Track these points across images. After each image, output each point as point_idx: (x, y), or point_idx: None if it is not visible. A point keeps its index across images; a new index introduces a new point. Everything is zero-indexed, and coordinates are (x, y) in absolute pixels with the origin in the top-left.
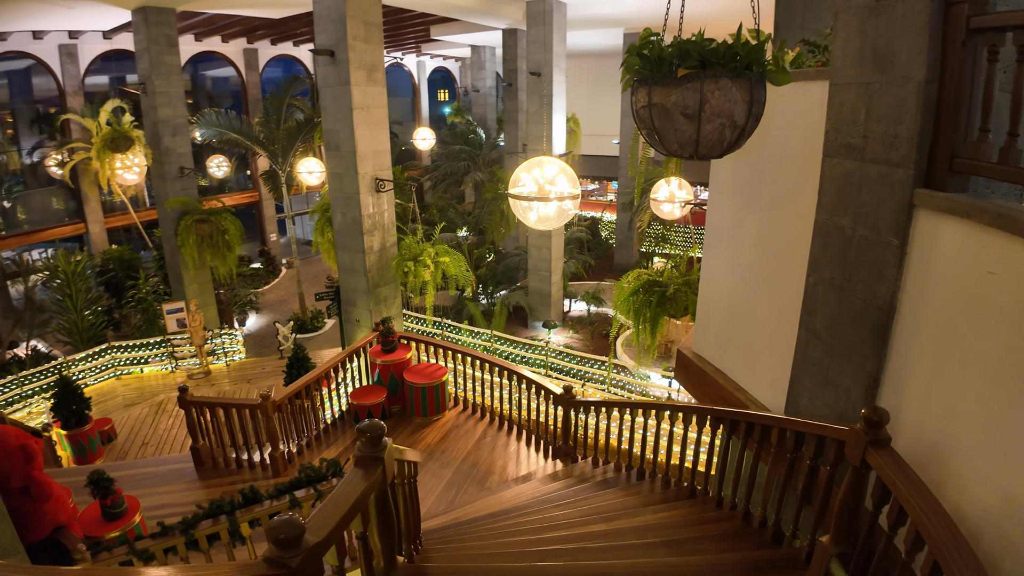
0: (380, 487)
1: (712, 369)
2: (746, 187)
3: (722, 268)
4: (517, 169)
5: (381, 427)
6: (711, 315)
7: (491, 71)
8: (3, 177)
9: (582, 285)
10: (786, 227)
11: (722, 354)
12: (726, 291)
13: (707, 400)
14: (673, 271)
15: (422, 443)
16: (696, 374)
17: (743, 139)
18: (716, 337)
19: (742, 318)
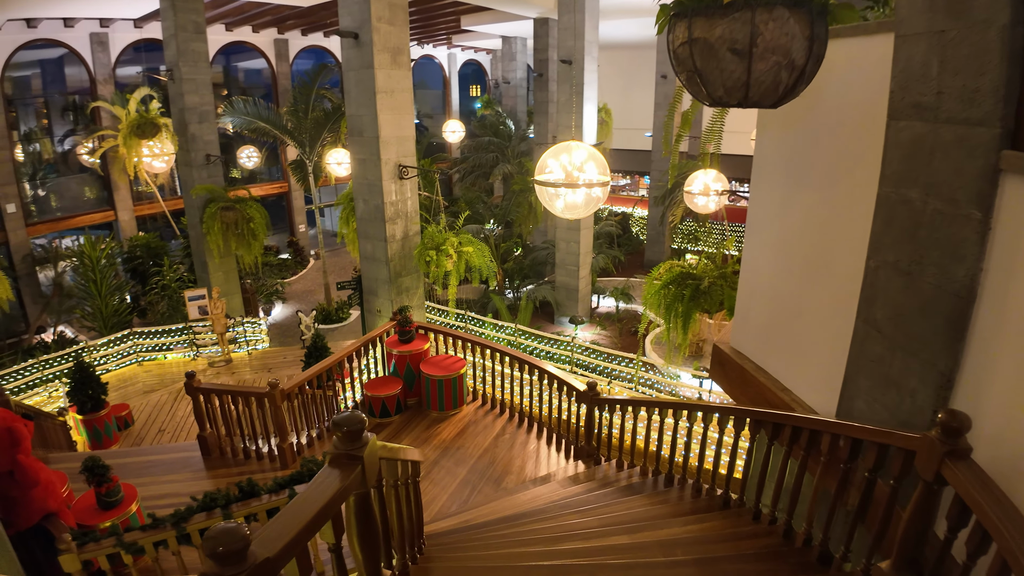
0: (360, 490)
1: (752, 367)
2: (795, 161)
3: (766, 254)
4: (544, 154)
5: (359, 420)
6: (752, 307)
7: (522, 62)
8: (36, 165)
9: (611, 281)
10: (841, 205)
11: (764, 350)
12: (770, 280)
13: (746, 401)
14: (708, 263)
15: (437, 438)
16: (734, 372)
17: (802, 84)
18: (757, 331)
19: (788, 310)
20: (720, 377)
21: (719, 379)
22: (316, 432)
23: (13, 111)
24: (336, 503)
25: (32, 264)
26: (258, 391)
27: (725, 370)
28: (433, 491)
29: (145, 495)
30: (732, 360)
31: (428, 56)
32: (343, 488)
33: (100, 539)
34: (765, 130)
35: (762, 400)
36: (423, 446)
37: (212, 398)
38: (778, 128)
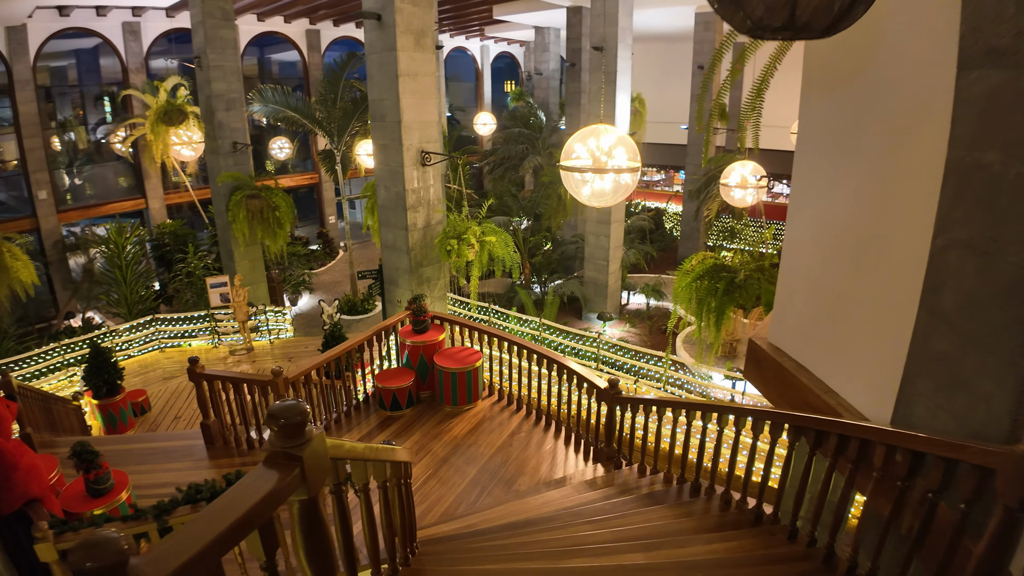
0: (302, 497)
1: (793, 365)
2: (845, 129)
3: (810, 237)
4: (570, 138)
5: (299, 412)
6: (794, 298)
7: (555, 54)
8: (69, 153)
9: (642, 277)
10: (900, 176)
11: (806, 346)
12: (815, 266)
13: (784, 404)
14: (744, 256)
15: (448, 434)
16: (772, 371)
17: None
18: (799, 325)
19: (836, 300)
20: (756, 376)
21: (754, 379)
22: (323, 423)
23: (47, 101)
24: (261, 512)
25: (63, 250)
26: (261, 379)
27: (761, 369)
28: (440, 490)
29: (143, 483)
30: (770, 358)
31: (461, 48)
32: (271, 494)
33: (79, 528)
34: (810, 96)
35: (803, 403)
36: (433, 442)
37: (216, 385)
38: (825, 91)
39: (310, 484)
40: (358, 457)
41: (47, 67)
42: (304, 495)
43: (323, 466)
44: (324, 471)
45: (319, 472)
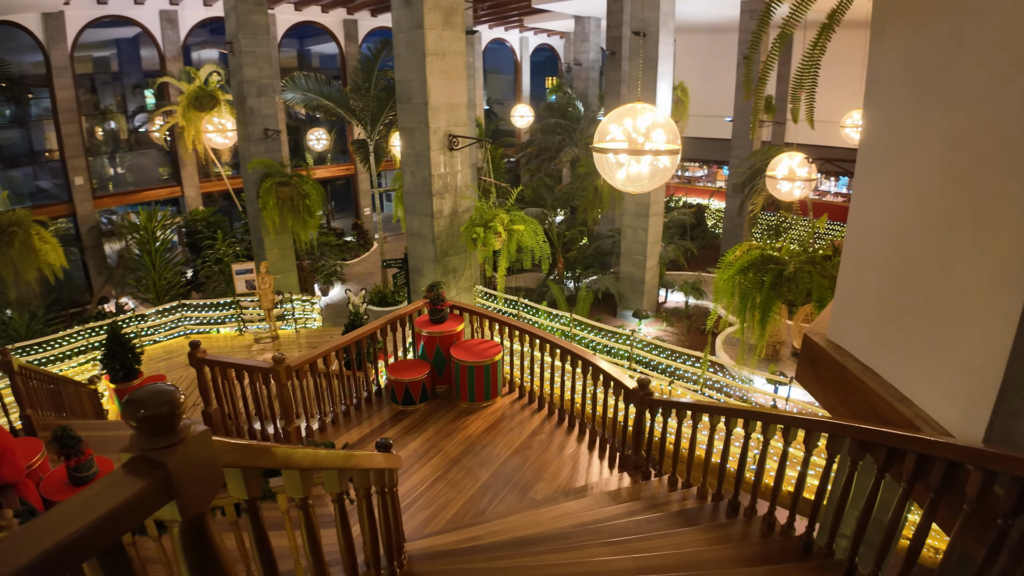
0: (190, 512)
1: (858, 367)
2: (928, 71)
3: (883, 209)
4: (605, 118)
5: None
6: (861, 284)
7: (595, 43)
8: (106, 141)
9: (681, 275)
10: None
11: (876, 345)
12: (889, 245)
13: (845, 412)
14: (794, 246)
15: (463, 432)
16: (832, 373)
17: None
18: (867, 318)
19: (915, 287)
20: (811, 379)
21: (809, 382)
22: (331, 416)
23: (86, 89)
24: (100, 535)
25: (98, 236)
26: (262, 366)
27: (818, 370)
28: (448, 494)
29: None
30: (829, 357)
31: (499, 40)
32: (112, 513)
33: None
34: (883, 35)
35: (870, 412)
36: (445, 440)
37: (216, 371)
38: (903, 29)
39: (185, 500)
40: (291, 465)
41: (88, 56)
42: (176, 515)
43: (206, 477)
44: (208, 483)
45: (198, 485)
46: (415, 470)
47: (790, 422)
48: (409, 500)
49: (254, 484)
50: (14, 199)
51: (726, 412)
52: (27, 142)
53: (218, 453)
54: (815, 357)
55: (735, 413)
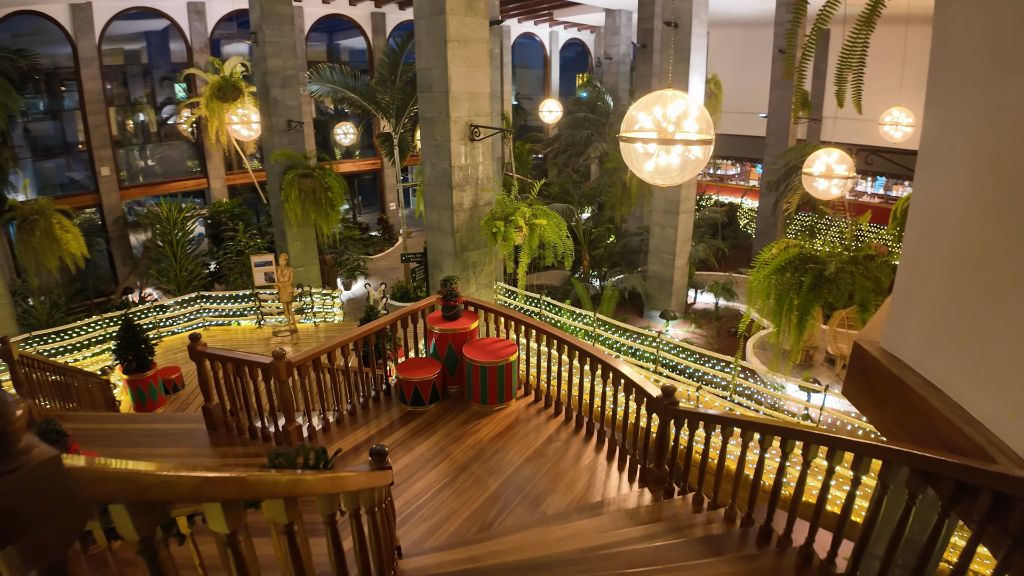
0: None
1: (918, 382)
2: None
3: (951, 197)
4: (632, 106)
5: None
6: (924, 284)
7: (625, 37)
8: (133, 132)
9: (711, 275)
10: None
11: (939, 357)
12: (956, 240)
13: (902, 434)
14: (835, 245)
15: (473, 437)
16: (887, 388)
17: None
18: (931, 325)
19: (994, 289)
20: (862, 394)
21: (859, 397)
22: (335, 416)
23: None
24: None
25: (124, 226)
26: (262, 361)
27: (870, 384)
28: (453, 504)
29: None
30: (884, 369)
31: (529, 34)
32: None
33: None
34: None
35: (932, 436)
36: (454, 445)
37: (216, 365)
38: None
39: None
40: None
41: (117, 49)
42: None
43: (59, 514)
44: (63, 522)
45: (48, 524)
46: (420, 476)
47: (836, 444)
48: (412, 509)
49: (147, 522)
50: (48, 189)
51: (761, 428)
52: (59, 133)
53: (80, 484)
54: (866, 369)
55: (772, 430)
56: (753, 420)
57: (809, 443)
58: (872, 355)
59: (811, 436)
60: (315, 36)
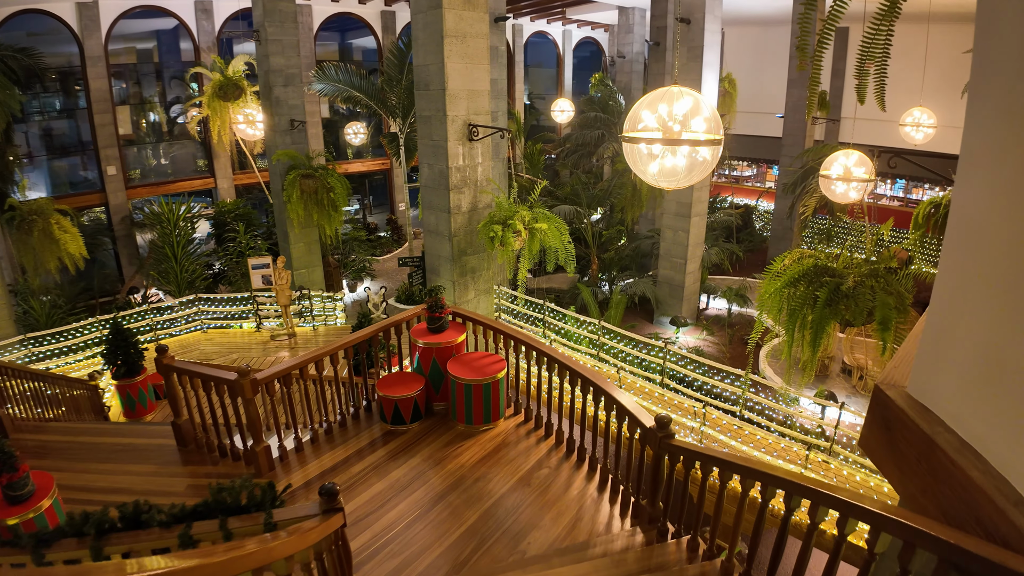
0: None
1: (953, 443)
2: None
3: (1002, 208)
4: (636, 104)
5: None
6: (962, 319)
7: (639, 35)
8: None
9: (724, 280)
10: None
11: (982, 414)
12: (1008, 264)
13: (929, 506)
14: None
15: (454, 461)
16: (912, 446)
17: None
18: (969, 371)
19: None
20: (882, 449)
21: (879, 452)
22: (309, 435)
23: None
24: None
25: (130, 226)
26: (227, 377)
27: (893, 438)
28: (426, 538)
29: (97, 486)
30: (911, 424)
31: (542, 33)
32: None
33: None
34: None
35: (969, 516)
36: (433, 471)
37: (184, 380)
38: None
39: None
40: None
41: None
42: None
43: None
44: None
45: None
46: (393, 504)
47: (851, 511)
48: (380, 543)
49: None
50: (55, 188)
51: (763, 478)
52: (65, 132)
53: None
54: (889, 420)
55: (775, 481)
56: (755, 467)
57: (818, 504)
58: (896, 404)
59: (821, 496)
60: (325, 36)
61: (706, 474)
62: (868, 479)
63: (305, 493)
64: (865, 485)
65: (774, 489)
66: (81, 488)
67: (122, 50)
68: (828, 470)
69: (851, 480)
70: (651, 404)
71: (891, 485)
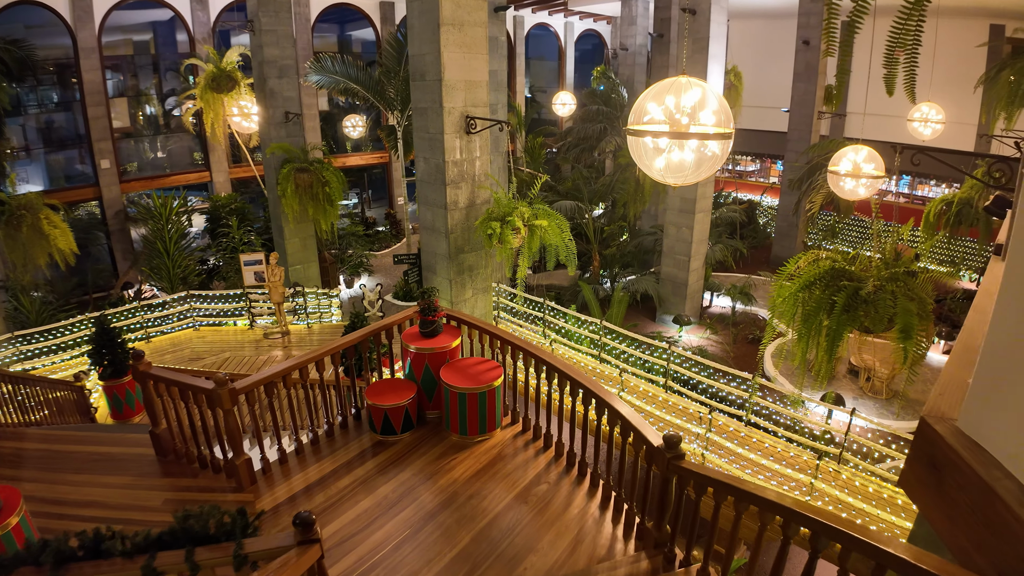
0: None
1: (1014, 491)
2: None
3: None
4: (642, 95)
5: None
6: None
7: (642, 27)
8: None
9: (729, 277)
10: None
11: None
12: None
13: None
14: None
15: (446, 476)
16: (964, 491)
17: None
18: None
19: None
20: (926, 491)
21: (922, 495)
22: (294, 447)
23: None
24: None
25: (124, 220)
26: (204, 387)
27: (941, 480)
28: (413, 563)
29: (69, 498)
30: (964, 466)
31: (543, 25)
32: None
33: None
34: None
35: None
36: (424, 486)
37: (161, 388)
38: None
39: None
40: None
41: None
42: None
43: None
44: None
45: None
46: (381, 524)
47: (887, 560)
48: (365, 567)
49: None
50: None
51: (785, 513)
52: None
53: None
54: (937, 459)
55: (800, 519)
56: (776, 500)
57: (849, 549)
58: (946, 441)
59: (854, 541)
60: (324, 28)
61: (719, 502)
62: (881, 491)
63: (289, 508)
64: (878, 497)
65: (797, 527)
66: (54, 501)
67: (117, 42)
68: (839, 480)
69: (863, 491)
70: (655, 409)
71: (937, 533)
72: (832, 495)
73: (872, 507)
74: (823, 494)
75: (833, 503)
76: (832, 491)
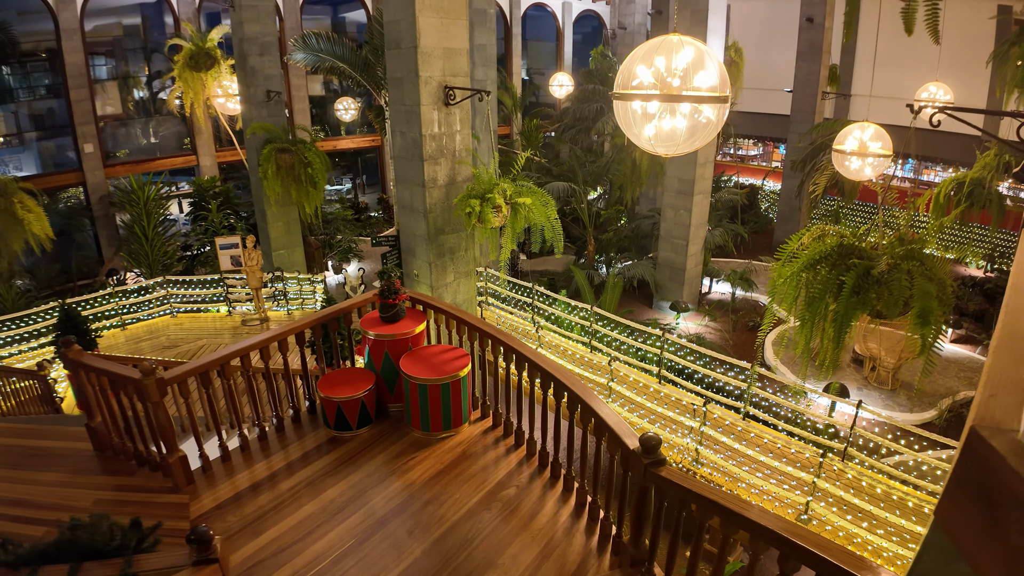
0: None
1: None
2: None
3: None
4: (629, 56)
5: None
6: None
7: (641, 6)
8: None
9: (728, 263)
10: None
11: None
12: None
13: None
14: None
15: (402, 478)
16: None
17: None
18: None
19: None
20: (976, 532)
21: (968, 535)
22: (238, 443)
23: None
24: None
25: (108, 205)
26: (131, 376)
27: (1000, 520)
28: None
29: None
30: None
31: (541, 5)
32: None
33: None
34: None
35: None
36: (376, 489)
37: (93, 378)
38: None
39: None
40: None
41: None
42: None
43: None
44: None
45: None
46: (323, 533)
47: None
48: None
49: None
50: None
51: (781, 543)
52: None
53: None
54: (990, 485)
55: (799, 552)
56: (769, 526)
57: None
58: (1009, 465)
59: None
60: (316, 9)
61: (703, 521)
62: (890, 491)
63: (236, 508)
64: (887, 498)
65: (797, 563)
66: None
67: (101, 25)
68: (844, 479)
69: (871, 492)
70: (646, 400)
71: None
72: (836, 495)
73: (880, 510)
74: (827, 494)
75: (838, 505)
76: (836, 491)
